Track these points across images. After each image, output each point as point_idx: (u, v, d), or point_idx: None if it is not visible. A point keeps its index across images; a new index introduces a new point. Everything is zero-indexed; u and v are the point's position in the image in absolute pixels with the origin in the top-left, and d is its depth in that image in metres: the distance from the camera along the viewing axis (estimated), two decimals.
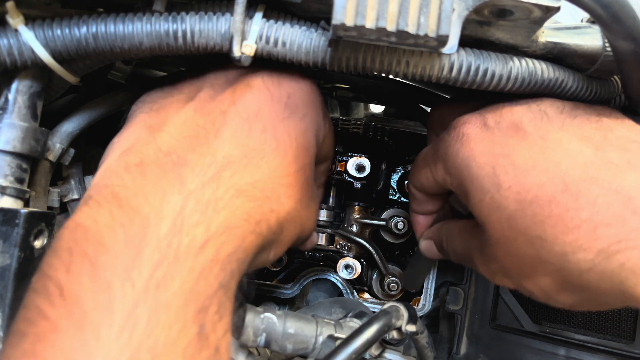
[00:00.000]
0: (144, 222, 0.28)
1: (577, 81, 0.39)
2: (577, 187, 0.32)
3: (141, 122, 0.36)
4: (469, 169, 0.38)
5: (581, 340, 0.55)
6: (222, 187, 0.31)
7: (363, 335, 0.37)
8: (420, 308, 0.58)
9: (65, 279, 0.26)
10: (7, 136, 0.36)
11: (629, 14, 0.31)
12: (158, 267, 0.27)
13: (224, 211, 0.30)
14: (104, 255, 0.26)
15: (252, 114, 0.36)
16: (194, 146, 0.33)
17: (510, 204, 0.35)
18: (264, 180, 0.34)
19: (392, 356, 0.65)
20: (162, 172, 0.30)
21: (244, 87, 0.37)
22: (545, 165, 0.34)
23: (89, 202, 0.29)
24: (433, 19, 0.29)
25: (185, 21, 0.34)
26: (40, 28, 0.34)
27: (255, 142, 0.35)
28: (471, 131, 0.39)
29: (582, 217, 0.31)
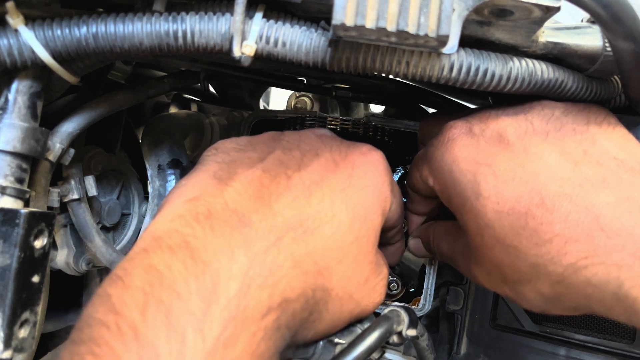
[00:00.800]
0: (214, 277, 0.28)
1: (577, 81, 0.39)
2: (552, 202, 0.33)
3: (211, 172, 0.36)
4: (451, 174, 0.39)
5: (581, 340, 0.55)
6: (282, 254, 0.32)
7: (364, 342, 0.37)
8: (420, 308, 0.58)
9: (141, 323, 0.26)
10: (7, 136, 0.36)
11: (629, 14, 0.31)
12: (227, 326, 0.27)
13: (283, 281, 0.31)
14: (178, 305, 0.27)
15: (314, 181, 0.36)
16: (258, 207, 0.33)
17: (489, 213, 0.36)
18: (317, 252, 0.34)
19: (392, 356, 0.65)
20: (229, 230, 0.31)
21: (311, 156, 0.38)
22: (525, 178, 0.35)
23: (162, 245, 0.29)
24: (433, 19, 0.29)
25: (186, 21, 0.34)
26: (40, 28, 0.34)
27: (312, 210, 0.35)
28: (457, 136, 0.40)
29: (555, 232, 0.33)
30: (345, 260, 0.36)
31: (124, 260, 0.30)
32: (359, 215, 0.37)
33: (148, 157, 0.61)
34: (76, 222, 0.50)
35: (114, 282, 0.28)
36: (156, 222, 0.32)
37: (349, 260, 0.36)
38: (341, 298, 0.36)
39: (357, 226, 0.37)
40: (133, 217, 0.63)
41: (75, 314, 0.64)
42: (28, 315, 0.36)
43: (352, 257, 0.37)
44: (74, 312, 0.64)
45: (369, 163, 0.40)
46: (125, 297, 0.27)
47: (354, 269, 0.37)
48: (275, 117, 0.60)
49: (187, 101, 0.85)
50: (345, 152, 0.40)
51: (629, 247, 0.30)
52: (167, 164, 0.61)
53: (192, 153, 0.71)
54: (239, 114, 0.79)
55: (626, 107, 0.42)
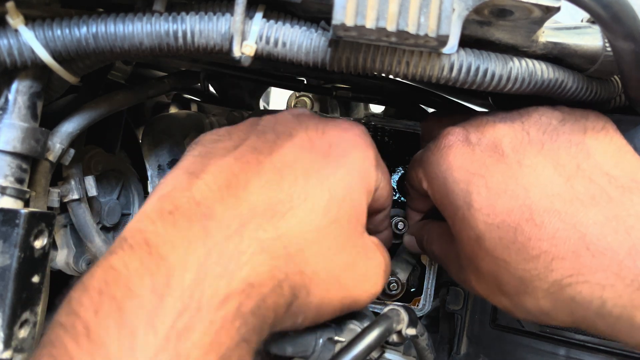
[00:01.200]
0: (169, 270, 0.28)
1: (577, 81, 0.39)
2: (541, 218, 0.33)
3: (184, 168, 0.36)
4: (445, 182, 0.39)
5: (581, 340, 0.55)
6: (245, 241, 0.31)
7: (364, 341, 0.37)
8: (420, 308, 0.58)
9: (93, 321, 0.26)
10: (7, 136, 0.36)
11: (629, 14, 0.31)
12: (180, 316, 0.27)
13: (246, 267, 0.30)
14: (130, 301, 0.27)
15: (286, 164, 0.35)
16: (224, 197, 0.32)
17: (480, 225, 0.36)
18: (288, 236, 0.33)
19: (392, 356, 0.65)
20: (189, 223, 0.31)
21: (285, 137, 0.37)
22: (516, 192, 0.35)
23: (124, 245, 0.30)
24: (433, 19, 0.29)
25: (186, 21, 0.34)
26: (40, 28, 0.34)
27: (283, 194, 0.34)
28: (453, 144, 0.40)
29: (542, 248, 0.33)
30: (323, 241, 0.35)
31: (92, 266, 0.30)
32: (337, 196, 0.36)
33: (148, 157, 0.61)
34: (76, 222, 0.50)
35: (77, 286, 0.29)
36: (129, 224, 0.32)
37: (328, 241, 0.35)
38: (325, 281, 0.35)
39: (335, 207, 0.35)
40: (133, 217, 0.63)
41: None
42: (28, 315, 0.36)
43: (331, 239, 0.35)
44: None
45: (349, 139, 0.39)
46: (82, 298, 0.28)
47: (336, 251, 0.35)
48: None
49: (187, 101, 0.85)
50: (323, 130, 0.39)
51: (613, 266, 0.31)
52: (167, 164, 0.61)
53: None
54: (239, 114, 0.79)
55: (626, 107, 0.42)
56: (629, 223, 0.31)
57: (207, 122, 0.72)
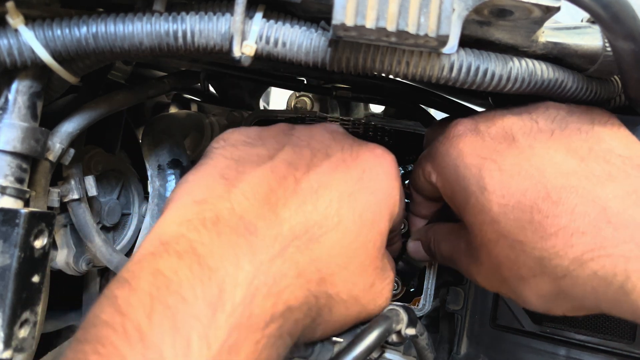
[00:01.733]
0: (220, 284, 0.29)
1: (577, 81, 0.39)
2: (558, 195, 0.33)
3: (218, 170, 0.36)
4: (456, 169, 0.39)
5: (581, 340, 0.55)
6: (286, 263, 0.32)
7: (363, 342, 0.37)
8: (420, 308, 0.58)
9: (147, 326, 0.26)
10: (7, 136, 0.36)
11: (629, 14, 0.31)
12: (232, 333, 0.28)
13: (287, 290, 0.31)
14: (184, 309, 0.27)
15: (322, 184, 0.36)
16: (264, 213, 0.33)
17: (494, 207, 0.36)
18: (321, 260, 0.34)
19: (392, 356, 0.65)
20: (235, 237, 0.31)
21: (321, 156, 0.38)
22: (530, 172, 0.35)
23: (169, 250, 0.30)
24: (433, 19, 0.29)
25: (185, 21, 0.34)
26: (40, 28, 0.34)
27: (319, 216, 0.35)
28: (462, 133, 0.40)
29: (560, 225, 0.32)
30: (351, 266, 0.36)
31: (131, 263, 0.30)
32: (367, 221, 0.37)
33: (148, 157, 0.61)
34: (76, 222, 0.50)
35: (121, 284, 0.28)
36: (163, 224, 0.32)
37: (354, 266, 0.36)
38: (346, 302, 0.36)
39: (364, 232, 0.37)
40: (133, 217, 0.63)
41: (75, 314, 0.64)
42: (28, 315, 0.36)
43: (357, 263, 0.36)
44: (74, 312, 0.64)
45: (381, 166, 0.40)
46: (131, 299, 0.27)
47: (360, 274, 0.37)
48: (275, 117, 0.60)
49: (187, 101, 0.85)
50: (357, 153, 0.39)
51: (636, 238, 0.30)
52: (167, 164, 0.61)
53: (192, 153, 0.71)
54: (239, 114, 0.79)
55: (626, 107, 0.42)
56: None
57: (207, 122, 0.72)
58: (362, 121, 0.59)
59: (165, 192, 0.60)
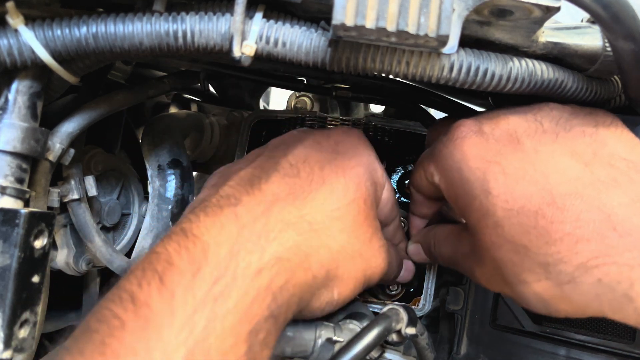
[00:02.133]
0: (204, 246, 0.32)
1: (577, 81, 0.39)
2: (563, 201, 0.33)
3: (208, 186, 0.41)
4: (460, 172, 0.39)
5: (581, 340, 0.55)
6: (271, 220, 0.35)
7: (363, 340, 0.37)
8: (420, 308, 0.58)
9: (137, 290, 0.30)
10: (7, 136, 0.36)
11: (629, 14, 0.31)
12: (216, 283, 0.30)
13: (274, 242, 0.34)
14: (170, 271, 0.30)
15: (300, 160, 0.40)
16: (248, 190, 0.37)
17: (498, 212, 0.36)
18: (312, 213, 0.37)
19: (392, 356, 0.65)
20: (220, 210, 0.35)
21: (295, 143, 0.42)
22: (535, 177, 0.35)
23: (164, 239, 0.33)
24: (433, 19, 0.29)
25: (185, 21, 0.34)
26: (40, 28, 0.34)
27: (302, 181, 0.38)
28: (466, 134, 0.40)
29: (565, 231, 0.32)
30: (345, 218, 0.38)
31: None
32: (352, 180, 0.40)
33: (148, 157, 0.61)
34: (76, 222, 0.50)
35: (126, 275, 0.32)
36: None
37: (349, 218, 0.39)
38: (352, 256, 0.39)
39: (352, 189, 0.39)
40: (133, 217, 0.63)
41: (75, 314, 0.64)
42: (28, 315, 0.36)
43: (351, 216, 0.39)
44: (74, 312, 0.64)
45: (351, 139, 0.43)
46: (129, 277, 0.31)
47: (357, 227, 0.39)
48: (275, 117, 0.60)
49: (187, 101, 0.85)
50: (327, 133, 0.44)
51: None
52: (167, 164, 0.61)
53: (192, 153, 0.71)
54: (239, 114, 0.79)
55: (626, 107, 0.42)
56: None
57: (207, 122, 0.72)
58: (362, 121, 0.59)
59: (165, 192, 0.60)
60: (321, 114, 0.60)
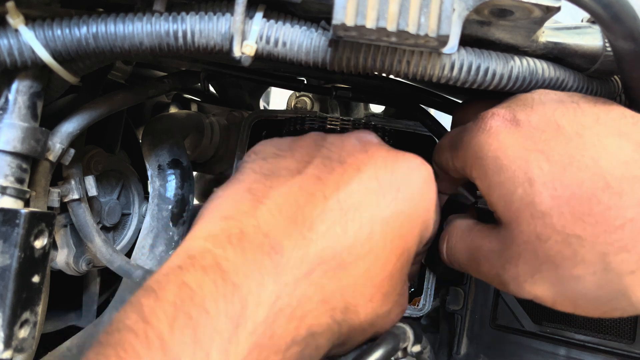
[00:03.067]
0: (242, 301, 0.29)
1: (578, 81, 0.39)
2: (620, 186, 0.30)
3: (246, 186, 0.36)
4: (495, 161, 0.36)
5: (581, 340, 0.55)
6: (312, 287, 0.31)
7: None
8: (420, 308, 0.58)
9: (168, 335, 0.27)
10: (7, 136, 0.36)
11: (629, 14, 0.31)
12: (252, 351, 0.28)
13: (310, 315, 0.31)
14: (206, 322, 0.28)
15: (352, 206, 0.34)
16: (291, 233, 0.32)
17: (545, 200, 0.33)
18: (348, 289, 0.33)
19: None
20: (260, 255, 0.31)
21: (352, 172, 0.36)
22: (584, 162, 0.32)
23: (195, 264, 0.30)
24: (433, 19, 0.29)
25: (186, 21, 0.34)
26: (40, 28, 0.34)
27: (348, 241, 0.33)
28: (500, 124, 0.37)
29: (627, 217, 0.30)
30: (375, 297, 0.35)
31: (158, 274, 0.30)
32: (397, 248, 0.36)
33: (148, 157, 0.61)
34: (76, 222, 0.50)
35: (148, 293, 0.29)
36: (191, 239, 0.33)
37: (379, 297, 0.35)
38: (365, 330, 0.36)
39: (393, 260, 0.35)
40: (133, 217, 0.63)
41: (75, 314, 0.64)
42: (28, 315, 0.36)
43: (382, 294, 0.36)
44: (74, 312, 0.64)
45: (418, 183, 0.38)
46: (156, 308, 0.28)
47: (382, 304, 0.36)
48: (275, 117, 0.60)
49: (187, 101, 0.85)
50: (392, 167, 0.37)
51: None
52: (167, 164, 0.61)
53: (192, 153, 0.71)
54: (239, 114, 0.79)
55: (626, 107, 0.42)
56: None
57: (207, 122, 0.72)
58: (362, 121, 0.59)
59: (165, 192, 0.60)
60: (321, 114, 0.60)
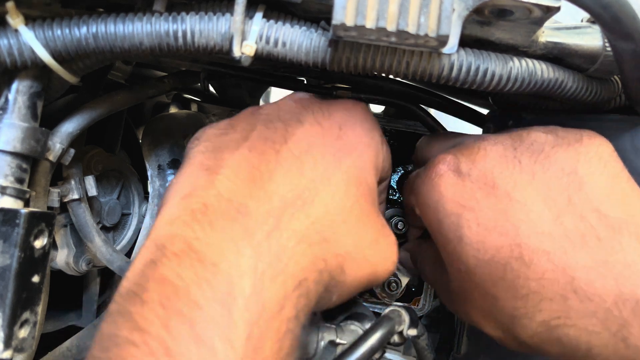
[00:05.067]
0: (226, 279, 0.28)
1: (577, 81, 0.39)
2: (530, 257, 0.33)
3: (198, 164, 0.35)
4: (436, 213, 0.39)
5: None
6: (284, 234, 0.31)
7: (367, 343, 0.37)
8: (420, 308, 0.58)
9: (168, 338, 0.26)
10: (7, 136, 0.36)
11: (629, 14, 0.31)
12: (252, 328, 0.27)
13: (291, 262, 0.30)
14: (199, 315, 0.27)
15: (303, 150, 0.35)
16: (252, 191, 0.32)
17: (470, 260, 0.36)
18: (319, 221, 0.33)
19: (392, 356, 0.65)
20: (228, 223, 0.30)
21: (295, 124, 0.37)
22: (506, 228, 0.35)
23: (166, 253, 0.29)
24: (433, 19, 0.29)
25: (186, 21, 0.34)
26: (40, 28, 0.34)
27: (307, 180, 0.34)
28: (443, 173, 0.39)
29: (531, 288, 0.33)
30: (350, 220, 0.35)
31: (132, 273, 0.29)
32: (354, 177, 0.37)
33: (148, 157, 0.62)
34: (76, 222, 0.50)
35: (132, 298, 0.28)
36: (156, 227, 0.31)
37: (353, 220, 0.36)
38: (356, 259, 0.36)
39: (354, 188, 0.36)
40: (133, 217, 0.63)
41: (75, 314, 0.64)
42: (28, 315, 0.36)
43: (355, 217, 0.36)
44: (74, 312, 0.64)
45: (356, 119, 0.39)
46: (145, 313, 0.27)
47: (361, 228, 0.36)
48: None
49: (187, 101, 0.85)
50: (329, 112, 0.39)
51: (599, 314, 0.31)
52: (167, 164, 0.61)
53: None
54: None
55: (626, 107, 0.42)
56: (616, 270, 0.31)
57: (207, 122, 0.72)
58: None
59: None
60: None
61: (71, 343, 0.59)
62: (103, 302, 0.66)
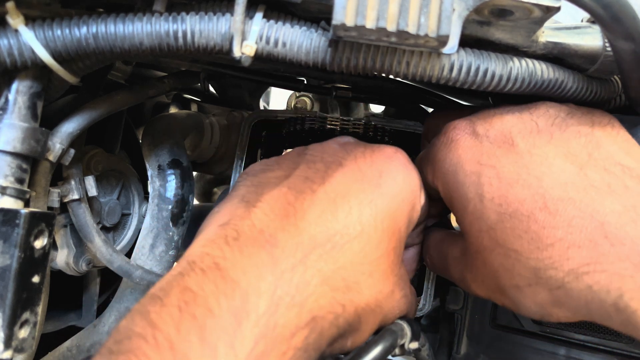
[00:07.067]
0: (243, 295, 0.30)
1: (577, 81, 0.39)
2: (555, 206, 0.33)
3: (239, 196, 0.37)
4: (455, 176, 0.39)
5: (581, 340, 0.55)
6: (309, 271, 0.32)
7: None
8: (420, 308, 0.58)
9: (176, 336, 0.28)
10: (7, 136, 0.36)
11: (629, 14, 0.31)
12: (258, 342, 0.29)
13: (311, 298, 0.32)
14: (211, 321, 0.28)
15: (340, 193, 0.36)
16: (284, 225, 0.34)
17: (492, 215, 0.36)
18: (346, 268, 0.34)
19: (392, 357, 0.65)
20: (256, 250, 0.32)
21: (335, 167, 0.38)
22: (528, 181, 0.35)
23: (195, 268, 0.31)
24: (433, 19, 0.29)
25: (186, 21, 0.34)
26: (40, 28, 0.34)
27: (340, 225, 0.35)
28: (460, 137, 0.39)
29: (557, 236, 0.32)
30: (375, 273, 0.36)
31: (161, 281, 0.31)
32: (388, 228, 0.37)
33: (148, 157, 0.61)
34: (76, 222, 0.50)
35: (154, 301, 0.30)
36: (191, 248, 0.34)
37: (378, 273, 0.36)
38: (373, 310, 0.37)
39: (386, 239, 0.37)
40: (133, 217, 0.63)
41: (75, 314, 0.64)
42: (28, 315, 0.36)
43: (381, 271, 0.37)
44: (74, 312, 0.64)
45: (397, 168, 0.40)
46: (162, 313, 0.29)
47: (383, 281, 0.37)
48: (275, 117, 0.60)
49: (187, 101, 0.85)
50: (371, 158, 0.40)
51: (633, 257, 0.30)
52: (167, 164, 0.61)
53: (192, 153, 0.71)
54: (239, 114, 0.79)
55: (626, 107, 0.42)
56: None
57: (207, 122, 0.72)
58: (362, 121, 0.59)
59: (165, 192, 0.60)
60: (321, 114, 0.60)
61: (71, 343, 0.59)
62: (103, 302, 0.66)
